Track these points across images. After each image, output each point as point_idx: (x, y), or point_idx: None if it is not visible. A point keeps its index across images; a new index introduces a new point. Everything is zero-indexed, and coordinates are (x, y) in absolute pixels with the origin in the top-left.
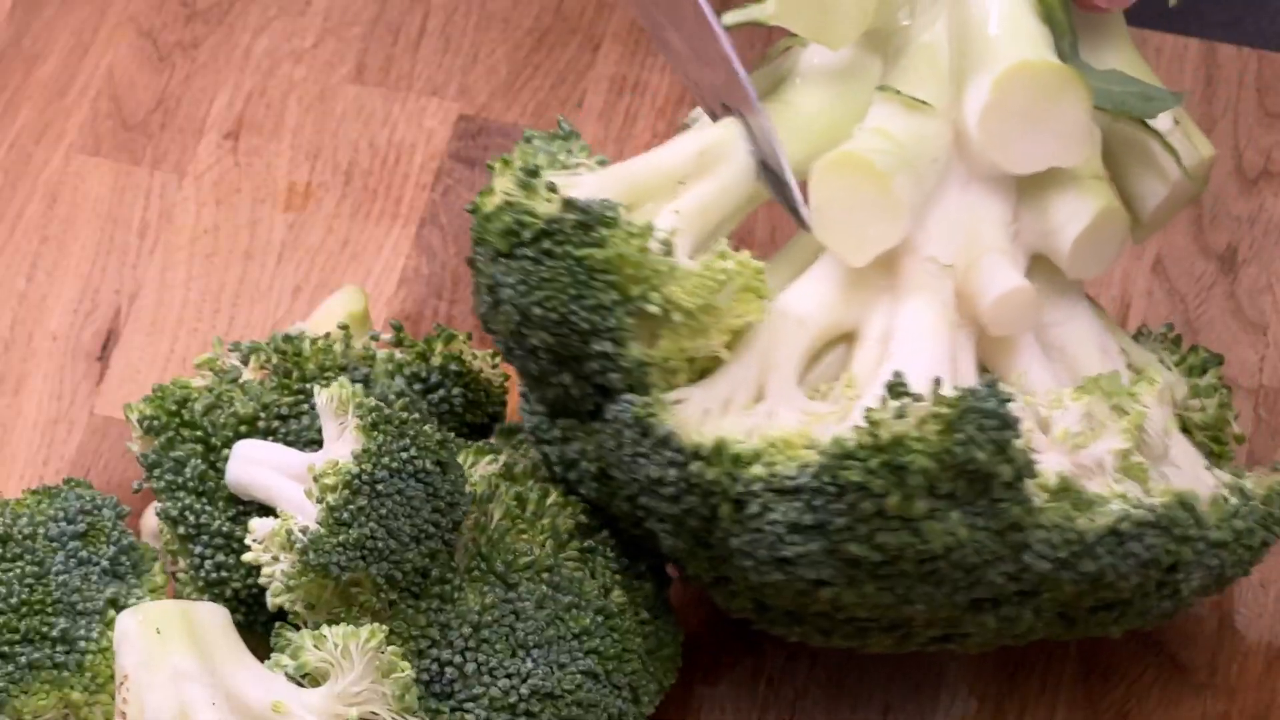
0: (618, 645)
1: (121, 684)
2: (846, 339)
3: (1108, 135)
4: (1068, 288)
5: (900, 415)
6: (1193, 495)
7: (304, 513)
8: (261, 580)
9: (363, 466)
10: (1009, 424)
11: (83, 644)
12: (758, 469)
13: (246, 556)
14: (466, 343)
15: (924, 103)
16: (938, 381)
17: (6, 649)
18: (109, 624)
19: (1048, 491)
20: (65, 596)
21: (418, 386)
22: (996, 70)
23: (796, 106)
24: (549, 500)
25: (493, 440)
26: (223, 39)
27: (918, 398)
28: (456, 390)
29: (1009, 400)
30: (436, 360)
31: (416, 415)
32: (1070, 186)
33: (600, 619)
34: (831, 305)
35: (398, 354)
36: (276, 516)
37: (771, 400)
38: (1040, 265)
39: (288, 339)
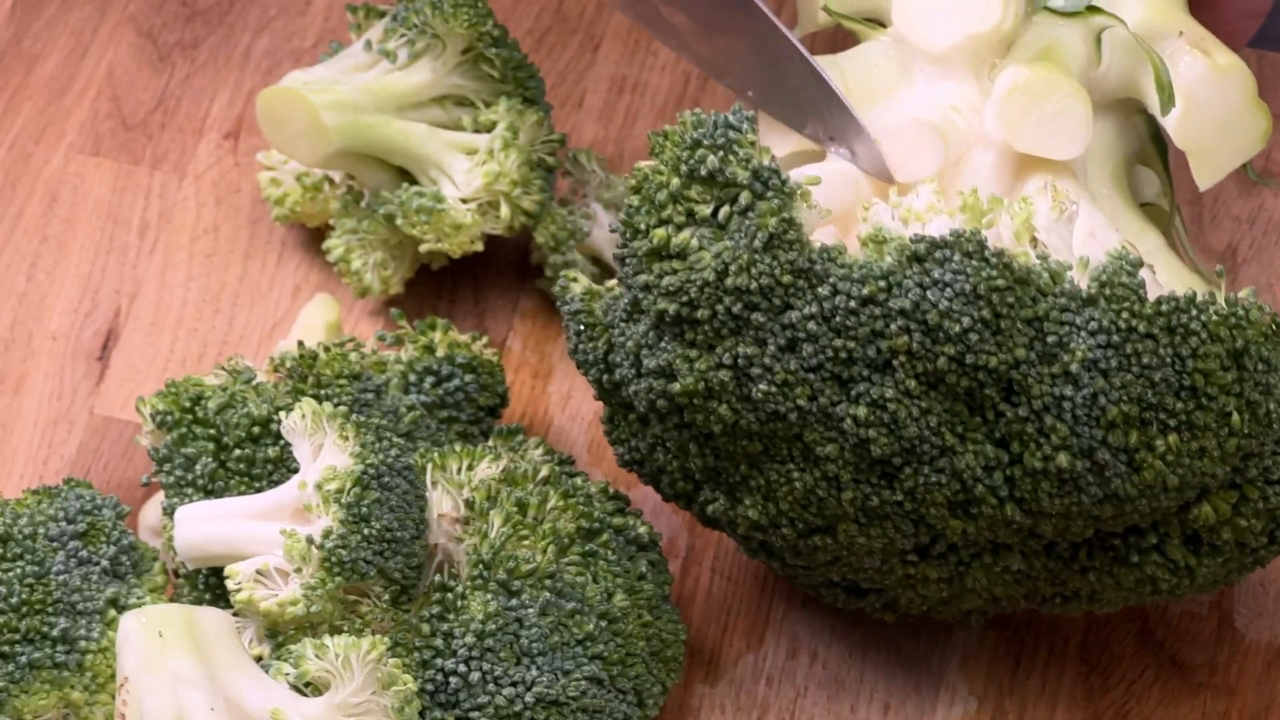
0: (621, 649)
1: (122, 686)
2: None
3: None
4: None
5: (656, 155)
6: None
7: (277, 551)
8: (262, 609)
9: (366, 463)
10: (735, 126)
11: (83, 644)
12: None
13: (239, 596)
14: (450, 329)
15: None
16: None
17: (7, 649)
18: (109, 624)
19: (860, 241)
20: (65, 596)
21: (430, 380)
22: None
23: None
24: (550, 504)
25: (491, 442)
26: (223, 39)
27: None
28: (469, 377)
29: (746, 115)
30: (442, 352)
31: (428, 426)
32: (1017, 65)
33: (604, 624)
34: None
35: (404, 354)
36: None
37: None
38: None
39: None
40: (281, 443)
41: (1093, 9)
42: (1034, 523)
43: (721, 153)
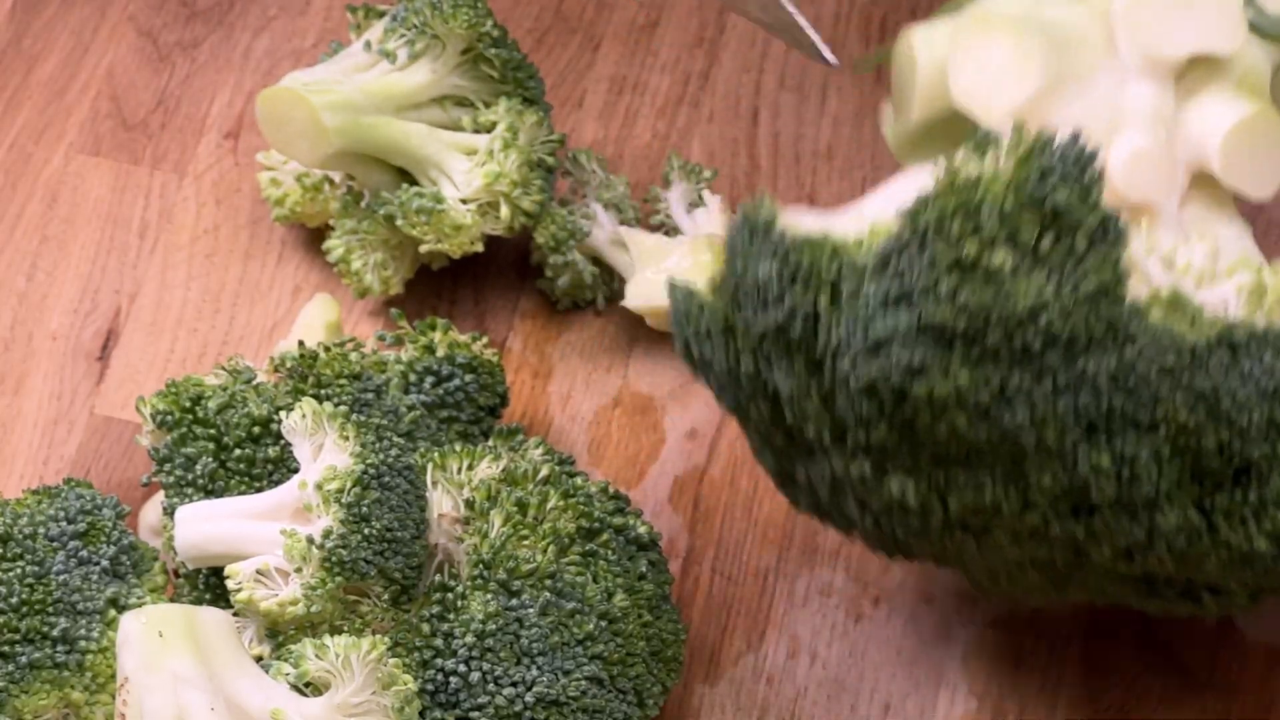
0: (622, 649)
1: (122, 686)
2: None
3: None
4: (1230, 218)
5: (980, 156)
6: None
7: (277, 551)
8: (262, 609)
9: (367, 463)
10: (1090, 163)
11: (83, 644)
12: (855, 251)
13: (239, 596)
14: (450, 329)
15: None
16: (1021, 124)
17: (7, 649)
18: (109, 624)
19: (1157, 302)
20: (65, 596)
21: (430, 380)
22: None
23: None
24: (550, 504)
25: (491, 442)
26: (223, 39)
27: (996, 140)
28: (469, 377)
29: (1093, 153)
30: (442, 352)
31: (428, 426)
32: (1228, 90)
33: (604, 624)
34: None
35: (404, 354)
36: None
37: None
38: (1202, 184)
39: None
40: (282, 443)
41: None
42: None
43: (1073, 190)
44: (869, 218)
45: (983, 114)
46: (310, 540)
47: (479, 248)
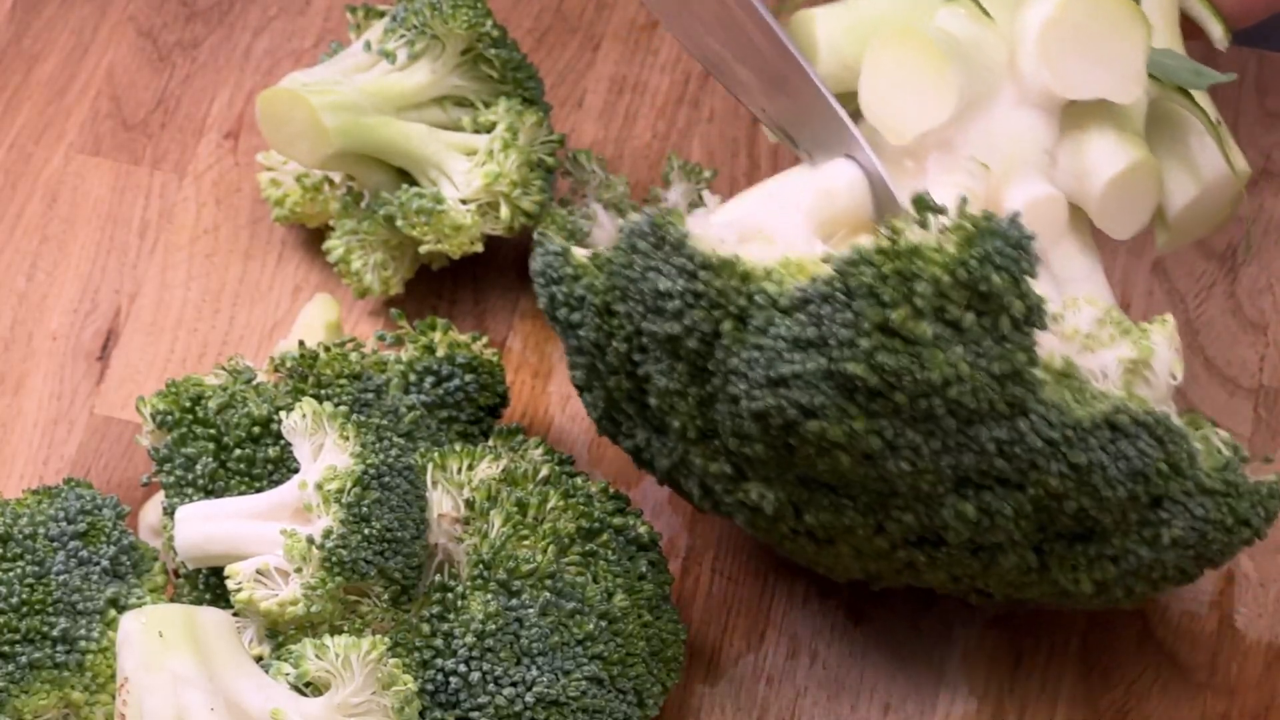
0: (621, 650)
1: (122, 686)
2: (854, 230)
3: (1151, 119)
4: (1090, 251)
5: (922, 225)
6: (1190, 430)
7: (277, 551)
8: (262, 609)
9: (367, 463)
10: (1028, 255)
11: (83, 644)
12: (767, 284)
13: (239, 596)
14: (450, 329)
15: (987, 14)
16: (964, 200)
17: (7, 649)
18: (109, 624)
19: (1050, 372)
20: (65, 596)
21: (430, 380)
22: None
23: (862, 10)
24: (550, 504)
25: (491, 442)
26: (223, 39)
27: (941, 211)
28: (469, 377)
29: (1031, 237)
30: (442, 352)
31: (428, 426)
32: (1111, 133)
33: (604, 624)
34: (861, 186)
35: (404, 354)
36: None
37: (785, 241)
38: (1074, 224)
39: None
40: (282, 443)
41: None
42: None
43: (1007, 276)
44: (779, 241)
45: (893, 136)
46: (310, 540)
47: (479, 248)
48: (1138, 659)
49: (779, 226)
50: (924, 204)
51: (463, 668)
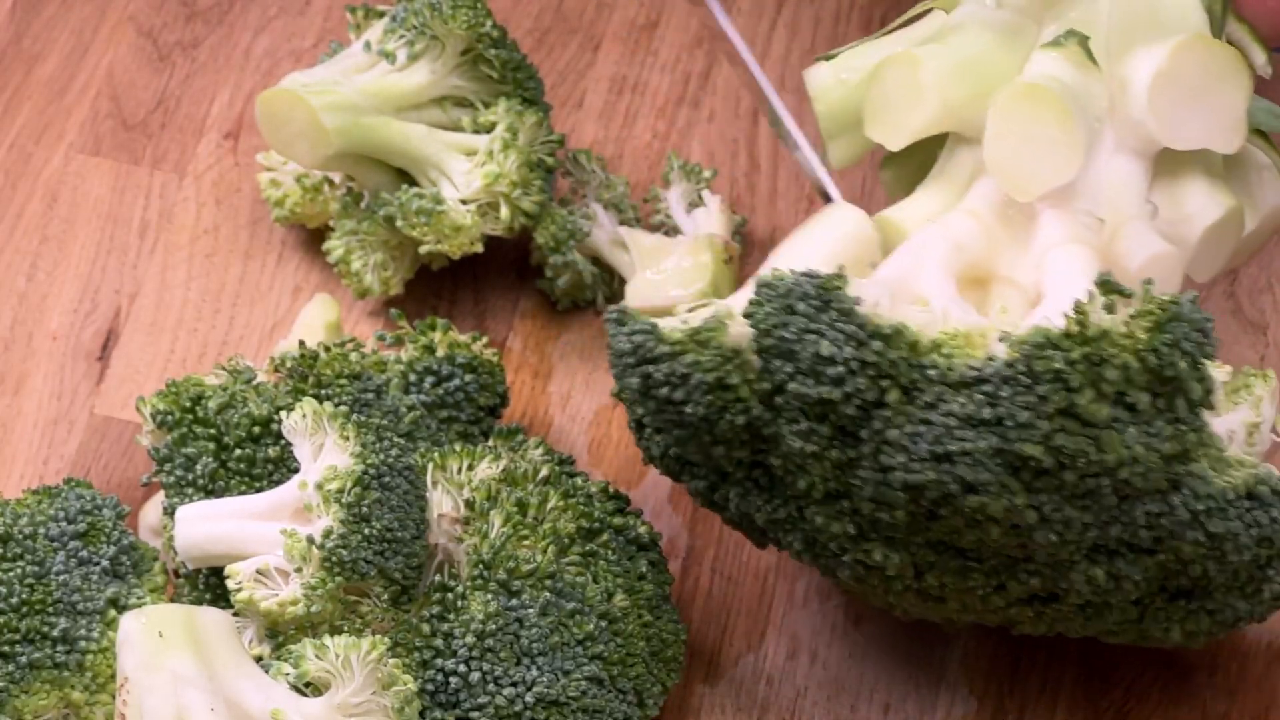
0: (622, 650)
1: (122, 686)
2: (979, 283)
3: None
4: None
5: (1109, 310)
6: None
7: (278, 551)
8: (262, 609)
9: (367, 463)
10: (1209, 338)
11: (83, 644)
12: (937, 357)
13: (239, 596)
14: (450, 329)
15: (1094, 61)
16: (1149, 282)
17: (7, 649)
18: (109, 624)
19: (1201, 448)
20: (65, 596)
21: (430, 380)
22: (1173, 40)
23: (958, 49)
24: (550, 504)
25: (491, 442)
26: (223, 39)
27: (1127, 295)
28: (469, 377)
29: (1210, 320)
30: (442, 352)
31: (428, 426)
32: (1203, 179)
33: (604, 624)
34: (984, 238)
35: (404, 354)
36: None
37: (935, 302)
38: None
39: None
40: (282, 443)
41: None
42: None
43: (1191, 360)
44: (931, 302)
45: (1019, 194)
46: (310, 540)
47: (479, 248)
48: (1138, 659)
49: (924, 286)
50: (1109, 286)
51: (463, 668)
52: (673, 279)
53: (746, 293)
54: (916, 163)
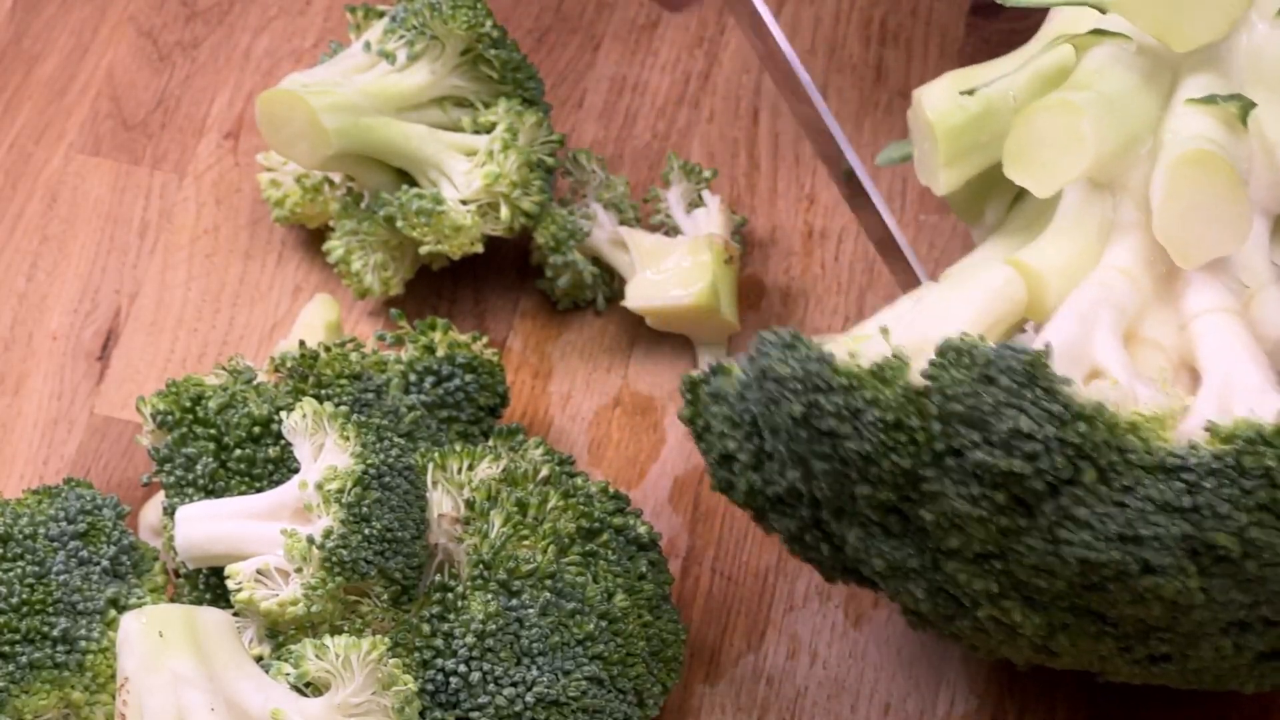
0: (622, 650)
1: (122, 686)
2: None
3: None
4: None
5: None
6: None
7: (278, 551)
8: (262, 609)
9: (368, 463)
10: None
11: (83, 644)
12: (1135, 439)
13: (240, 596)
14: (450, 329)
15: (1244, 124)
16: None
17: (7, 649)
18: (109, 624)
19: None
20: (66, 596)
21: (430, 380)
22: None
23: (1108, 97)
24: (550, 504)
25: (491, 442)
26: (223, 39)
27: None
28: (469, 377)
29: None
30: (442, 352)
31: (428, 426)
32: None
33: (604, 624)
34: (1139, 300)
35: (404, 354)
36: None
37: (1120, 377)
38: None
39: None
40: (282, 443)
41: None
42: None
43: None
44: (1112, 374)
45: (1183, 261)
46: (310, 540)
47: (479, 248)
48: None
49: (1100, 355)
50: None
51: (463, 668)
52: (673, 279)
53: (893, 318)
54: (980, 183)
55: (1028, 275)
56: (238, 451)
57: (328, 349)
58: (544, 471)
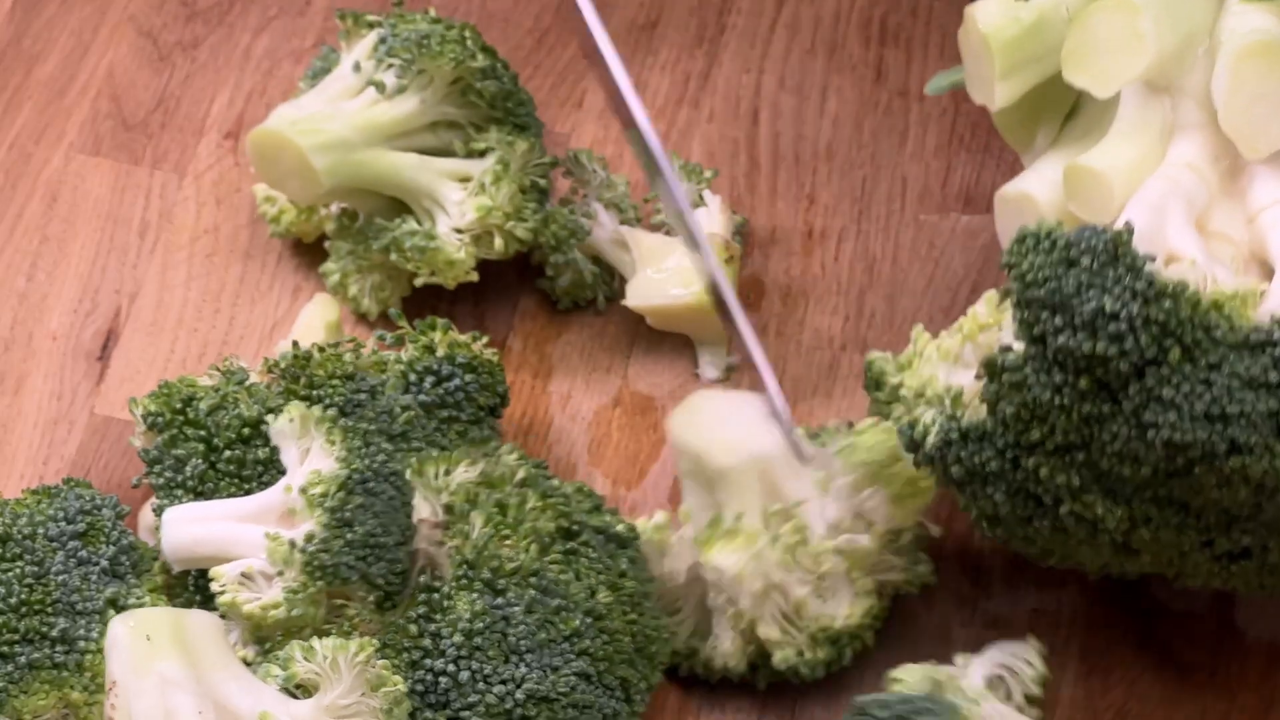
0: (608, 645)
1: (110, 689)
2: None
3: None
4: None
5: None
6: None
7: (262, 554)
8: (244, 612)
9: (352, 467)
10: None
11: (82, 644)
12: (1219, 317)
13: (223, 599)
14: (450, 329)
15: None
16: None
17: (6, 649)
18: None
19: None
20: (65, 596)
21: (430, 380)
22: None
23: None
24: (529, 505)
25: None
26: (223, 39)
27: None
28: (469, 376)
29: None
30: (442, 351)
31: (423, 426)
32: None
33: (589, 620)
34: (1206, 192)
35: (404, 354)
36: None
37: (1199, 260)
38: None
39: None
40: (272, 444)
41: None
42: None
43: None
44: (1185, 258)
45: (1249, 151)
46: (292, 544)
47: (474, 278)
48: (1138, 659)
49: (1175, 242)
50: None
51: (452, 667)
52: (674, 278)
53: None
54: (1032, 101)
55: (1091, 178)
56: (227, 453)
57: (321, 349)
58: (521, 474)
